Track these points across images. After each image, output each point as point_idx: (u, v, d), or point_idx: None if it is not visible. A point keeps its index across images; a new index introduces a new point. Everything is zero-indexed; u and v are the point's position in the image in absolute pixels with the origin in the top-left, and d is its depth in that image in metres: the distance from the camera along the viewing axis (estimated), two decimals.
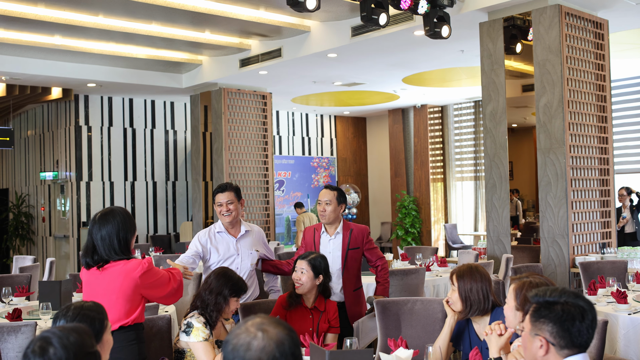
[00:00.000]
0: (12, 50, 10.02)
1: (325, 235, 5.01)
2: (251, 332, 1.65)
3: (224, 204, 4.83)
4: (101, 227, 3.52)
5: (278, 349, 1.62)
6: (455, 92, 13.61)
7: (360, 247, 5.01)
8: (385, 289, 5.05)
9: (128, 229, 3.56)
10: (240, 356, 1.62)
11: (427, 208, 15.10)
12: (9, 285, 6.09)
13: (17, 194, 15.22)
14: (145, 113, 13.84)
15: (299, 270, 4.22)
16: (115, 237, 3.51)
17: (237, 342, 1.64)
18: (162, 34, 9.64)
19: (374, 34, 8.69)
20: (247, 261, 4.83)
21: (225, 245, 4.82)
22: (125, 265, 3.49)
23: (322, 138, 16.73)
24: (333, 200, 4.98)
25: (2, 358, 3.72)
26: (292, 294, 4.23)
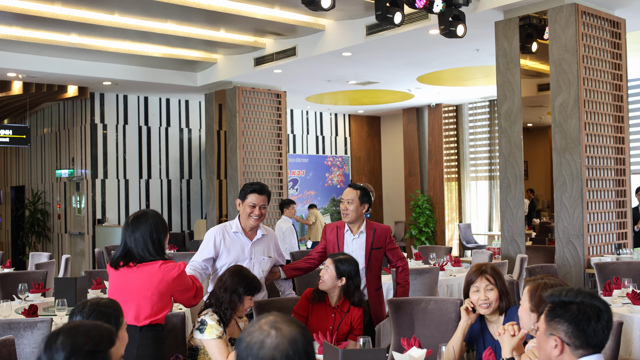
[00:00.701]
0: (28, 48, 10.09)
1: (349, 234, 4.99)
2: (265, 330, 1.65)
3: (258, 207, 4.58)
4: (135, 229, 3.62)
5: (291, 346, 1.63)
6: (470, 91, 13.56)
7: (382, 247, 4.99)
8: (405, 290, 5.03)
9: (160, 230, 3.65)
10: (253, 354, 1.62)
11: (441, 207, 15.05)
12: (25, 281, 6.14)
13: (34, 191, 15.34)
14: (160, 111, 13.90)
15: (325, 267, 4.22)
16: (149, 238, 3.60)
17: (251, 340, 1.64)
18: (178, 33, 9.68)
19: (388, 33, 8.68)
20: (259, 267, 4.61)
21: (239, 248, 4.60)
22: (164, 265, 3.58)
23: (336, 137, 16.73)
24: (355, 199, 4.95)
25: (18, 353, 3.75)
26: (317, 289, 4.24)
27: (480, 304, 3.46)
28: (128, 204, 13.36)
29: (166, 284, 3.55)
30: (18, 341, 3.94)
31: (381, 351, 2.74)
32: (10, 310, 4.97)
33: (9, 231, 16.95)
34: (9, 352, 3.44)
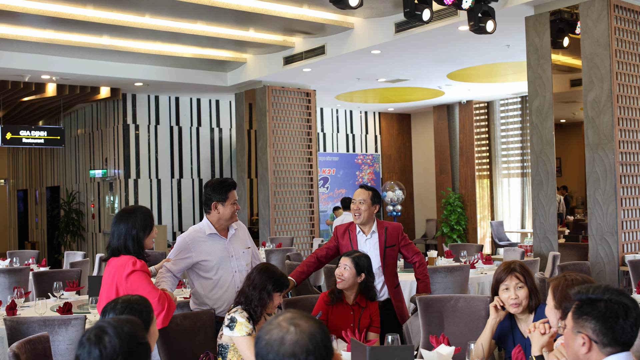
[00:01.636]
0: (62, 51, 10.25)
1: (362, 235, 5.01)
2: (283, 326, 1.67)
3: (237, 203, 4.42)
4: (118, 223, 3.75)
5: (311, 341, 1.65)
6: (502, 87, 13.44)
7: (396, 244, 5.01)
8: (426, 285, 5.03)
9: (142, 227, 3.74)
10: (274, 351, 1.64)
11: (472, 205, 14.95)
12: (60, 280, 6.25)
13: (68, 191, 15.58)
14: (191, 111, 14.02)
15: (342, 266, 4.26)
16: (128, 234, 3.71)
17: (270, 338, 1.67)
18: (207, 33, 9.75)
19: (417, 30, 8.65)
20: (242, 261, 4.45)
21: (219, 248, 4.38)
22: (118, 260, 3.67)
23: (366, 135, 16.71)
24: (367, 199, 4.97)
25: (53, 350, 3.82)
26: (334, 289, 4.27)
27: (511, 302, 3.44)
28: (160, 203, 13.50)
29: (119, 279, 3.61)
30: (53, 338, 4.01)
31: (409, 348, 2.75)
32: (46, 308, 5.07)
33: (45, 231, 17.23)
34: (44, 348, 3.51)
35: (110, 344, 1.94)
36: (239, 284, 4.33)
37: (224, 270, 4.35)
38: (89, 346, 1.95)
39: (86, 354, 1.94)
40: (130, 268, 3.62)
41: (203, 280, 4.35)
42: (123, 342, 1.96)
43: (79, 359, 1.95)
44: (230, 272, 4.37)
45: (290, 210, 12.16)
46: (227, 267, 4.37)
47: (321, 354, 1.66)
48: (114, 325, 1.99)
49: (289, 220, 12.17)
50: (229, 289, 4.34)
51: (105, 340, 1.94)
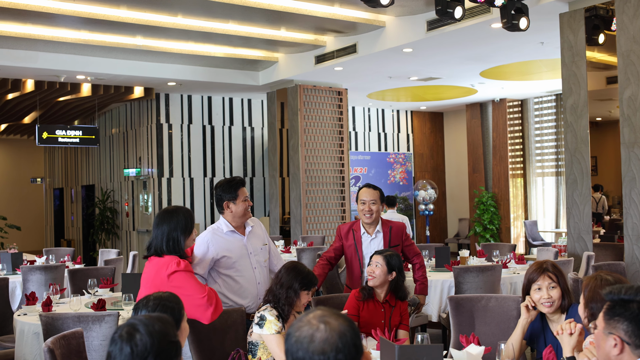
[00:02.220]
0: (96, 51, 10.39)
1: (366, 235, 5.03)
2: (313, 324, 1.68)
3: (248, 200, 4.44)
4: (159, 223, 3.81)
5: (340, 340, 1.65)
6: (536, 85, 13.29)
7: (399, 244, 5.03)
8: (425, 287, 5.07)
9: (182, 229, 3.79)
10: (304, 348, 1.65)
11: (506, 204, 14.81)
12: (95, 277, 6.35)
13: (103, 190, 15.79)
14: (223, 110, 14.11)
15: (374, 263, 4.28)
16: (168, 235, 3.76)
17: (300, 335, 1.67)
18: (239, 33, 9.80)
19: (449, 28, 8.59)
20: (261, 257, 4.52)
21: (237, 245, 4.43)
22: (160, 260, 3.72)
23: (398, 134, 16.65)
24: (377, 199, 5.00)
25: (87, 345, 3.88)
26: (365, 286, 4.29)
27: (543, 302, 3.40)
28: (193, 202, 13.61)
29: (161, 279, 3.64)
30: (87, 334, 4.07)
31: (438, 347, 2.73)
32: (80, 305, 5.14)
33: (80, 229, 17.49)
34: (77, 344, 3.56)
35: (142, 341, 1.96)
36: (259, 279, 4.42)
37: (244, 267, 4.41)
38: (120, 343, 1.97)
39: (118, 351, 1.96)
40: (174, 268, 3.66)
41: (224, 278, 4.40)
42: (154, 340, 1.97)
43: (111, 355, 1.97)
44: (250, 268, 4.43)
45: (321, 209, 12.17)
46: (246, 263, 4.42)
47: (350, 352, 1.66)
48: (146, 323, 2.00)
49: (321, 219, 12.18)
50: (250, 285, 4.40)
51: (136, 338, 1.97)
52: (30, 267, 6.94)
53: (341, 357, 1.64)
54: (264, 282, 4.48)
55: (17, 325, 4.89)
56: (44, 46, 9.97)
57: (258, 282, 4.42)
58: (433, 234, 16.63)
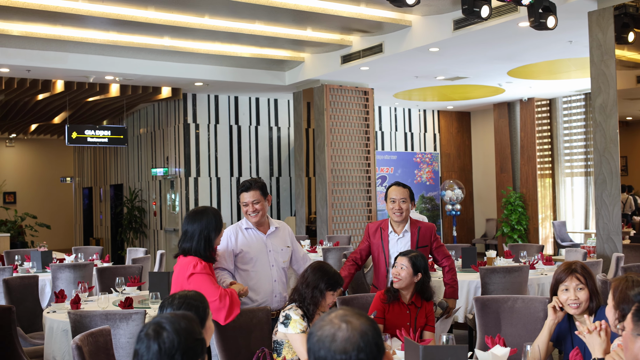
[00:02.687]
0: (125, 52, 10.50)
1: (394, 234, 5.01)
2: (335, 323, 1.68)
3: (250, 204, 4.46)
4: (192, 223, 3.94)
5: (362, 339, 1.65)
6: (564, 84, 13.15)
7: (428, 245, 5.00)
8: (455, 290, 5.01)
9: (213, 229, 3.95)
10: (325, 347, 1.65)
11: (534, 204, 14.68)
12: (122, 275, 6.40)
13: (131, 189, 15.94)
14: (249, 110, 14.17)
15: (399, 265, 4.24)
16: (200, 234, 3.91)
17: (322, 334, 1.68)
18: (266, 33, 9.83)
19: (476, 27, 8.53)
20: (280, 257, 4.58)
21: (257, 242, 4.53)
22: (184, 260, 3.89)
23: (425, 133, 16.58)
24: (408, 198, 4.98)
25: (114, 343, 3.92)
26: (390, 288, 4.26)
27: (570, 303, 3.36)
28: (220, 201, 13.68)
29: (183, 280, 3.81)
30: (114, 331, 4.12)
31: (463, 348, 2.72)
32: (108, 302, 5.20)
33: (109, 227, 17.68)
34: (105, 341, 3.60)
35: (169, 339, 1.98)
36: (275, 277, 4.49)
37: (262, 263, 4.48)
38: (147, 341, 1.99)
39: (145, 349, 1.98)
40: (191, 270, 3.81)
41: (241, 272, 4.48)
42: (181, 337, 1.99)
43: (138, 353, 1.99)
44: (267, 265, 4.49)
45: (347, 208, 12.17)
46: (264, 260, 4.50)
47: (372, 352, 1.66)
48: (172, 320, 2.03)
49: (347, 218, 12.17)
50: (266, 281, 4.46)
51: (163, 336, 1.98)
52: (60, 265, 7.03)
53: (363, 356, 1.64)
54: (280, 281, 4.55)
55: (46, 322, 4.96)
56: (74, 47, 10.10)
57: (274, 280, 4.50)
58: (460, 234, 16.53)
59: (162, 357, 1.96)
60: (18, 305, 5.78)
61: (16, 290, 6.04)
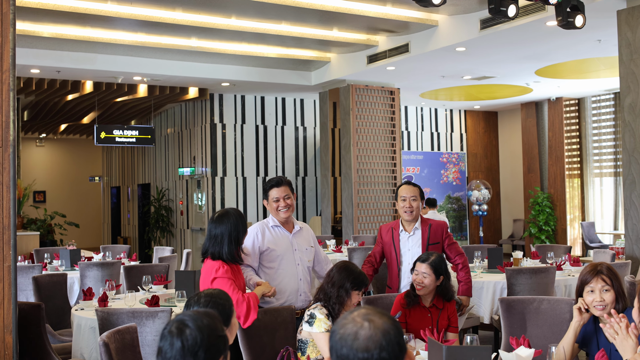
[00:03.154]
0: (152, 53, 10.59)
1: (404, 233, 5.01)
2: (358, 322, 1.69)
3: (282, 199, 4.48)
4: (218, 225, 3.99)
5: (384, 338, 1.66)
6: (593, 83, 13.00)
7: (440, 242, 4.99)
8: (468, 288, 5.00)
9: (243, 230, 4.03)
10: (348, 345, 1.66)
11: (562, 205, 14.53)
12: (149, 274, 6.47)
13: (158, 188, 16.08)
14: (276, 110, 14.21)
15: (421, 274, 4.18)
16: (227, 236, 3.96)
17: (345, 332, 1.69)
18: (292, 33, 9.86)
19: (503, 26, 8.48)
20: (305, 257, 4.60)
21: (282, 240, 4.53)
22: (208, 263, 3.98)
23: (451, 133, 16.50)
24: (418, 196, 4.98)
25: (140, 340, 3.97)
26: (410, 293, 4.22)
27: (595, 305, 3.33)
28: (246, 201, 13.75)
29: (207, 282, 3.88)
30: (140, 329, 4.16)
31: (486, 349, 2.71)
32: (135, 301, 5.26)
33: (136, 226, 17.85)
34: (131, 338, 3.65)
35: (192, 336, 2.01)
36: (301, 276, 4.51)
37: (287, 262, 4.49)
38: (171, 338, 2.02)
39: (168, 346, 2.01)
40: (214, 275, 3.89)
41: (266, 270, 4.49)
42: (204, 334, 2.02)
43: (162, 350, 2.02)
44: (293, 263, 4.50)
45: (373, 208, 12.15)
46: (290, 258, 4.51)
47: (394, 351, 1.66)
48: (195, 318, 2.06)
49: (372, 218, 12.16)
50: (291, 280, 4.46)
51: (187, 333, 2.01)
52: (88, 264, 7.12)
53: (385, 355, 1.65)
54: (305, 280, 4.56)
55: (74, 319, 5.03)
56: (103, 48, 10.22)
57: (299, 279, 4.52)
58: (487, 234, 16.43)
59: (186, 354, 1.99)
60: (47, 303, 5.87)
61: (45, 288, 6.13)
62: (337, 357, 1.68)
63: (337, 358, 1.68)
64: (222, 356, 2.06)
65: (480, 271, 6.73)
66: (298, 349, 3.81)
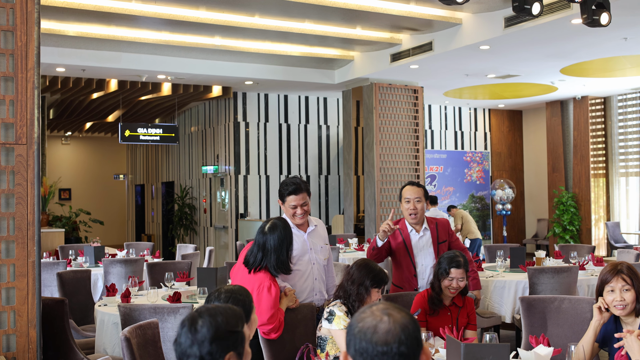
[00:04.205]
0: (176, 51, 10.67)
1: (414, 233, 4.97)
2: (377, 315, 1.70)
3: (299, 207, 4.42)
4: (269, 234, 4.02)
5: (403, 332, 1.66)
6: (619, 82, 12.85)
7: (446, 239, 4.97)
8: (477, 282, 5.03)
9: (291, 241, 4.06)
10: (367, 339, 1.67)
11: (587, 205, 14.39)
12: (172, 271, 6.53)
13: (182, 186, 16.19)
14: (299, 109, 14.24)
15: (456, 280, 4.12)
16: (277, 248, 3.99)
17: (364, 326, 1.69)
18: (315, 32, 9.88)
19: (528, 24, 8.42)
20: (321, 255, 4.54)
21: (298, 241, 4.46)
22: (259, 274, 3.97)
23: (475, 132, 16.41)
24: (422, 197, 4.94)
25: (162, 336, 4.00)
26: (434, 299, 4.17)
27: (616, 304, 3.30)
28: (269, 199, 13.79)
29: (252, 289, 3.84)
30: (162, 325, 4.20)
31: (504, 347, 2.70)
32: (157, 297, 5.31)
33: (160, 224, 17.99)
34: (153, 334, 3.68)
35: (201, 327, 2.07)
36: (316, 275, 4.49)
37: (303, 262, 4.47)
38: (183, 327, 2.09)
39: (184, 337, 2.07)
40: (266, 291, 3.89)
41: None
42: (213, 328, 2.08)
43: (178, 341, 2.08)
44: (309, 263, 4.48)
45: (396, 207, 12.13)
46: (305, 258, 4.48)
47: (412, 345, 1.67)
48: (210, 312, 2.10)
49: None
50: (307, 279, 4.46)
51: (198, 324, 2.08)
52: (112, 260, 7.20)
53: (403, 349, 1.66)
54: (320, 279, 4.55)
55: (97, 315, 5.09)
56: (127, 47, 10.32)
57: (315, 278, 4.50)
58: (510, 234, 16.32)
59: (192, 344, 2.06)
60: (71, 299, 5.94)
61: (69, 284, 6.21)
62: (355, 351, 1.69)
63: (355, 352, 1.69)
64: (233, 352, 2.09)
65: (503, 270, 6.69)
66: (317, 346, 3.82)
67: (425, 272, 4.97)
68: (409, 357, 1.66)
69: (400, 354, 1.65)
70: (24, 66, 3.61)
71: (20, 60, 3.60)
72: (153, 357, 3.57)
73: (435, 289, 4.18)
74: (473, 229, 11.68)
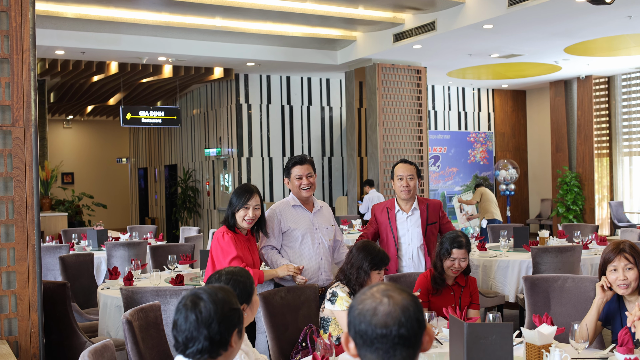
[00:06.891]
0: (177, 33, 10.59)
1: (401, 213, 4.94)
2: (377, 297, 1.67)
3: (304, 177, 4.47)
4: None
5: (403, 314, 1.64)
6: (624, 61, 12.76)
7: (437, 221, 4.94)
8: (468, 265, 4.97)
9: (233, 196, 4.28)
10: (366, 321, 1.65)
11: (590, 184, 14.35)
12: (175, 253, 6.52)
13: (185, 169, 16.18)
14: (301, 90, 14.17)
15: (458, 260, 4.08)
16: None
17: (363, 308, 1.67)
18: (317, 12, 9.80)
19: (531, 3, 8.33)
20: (326, 236, 4.57)
21: (304, 219, 4.53)
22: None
23: (479, 112, 16.34)
24: (415, 174, 4.90)
25: (164, 318, 4.00)
26: (437, 279, 4.14)
27: (619, 284, 3.28)
28: (272, 181, 13.77)
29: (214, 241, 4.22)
30: (164, 307, 4.20)
31: (507, 326, 2.68)
32: (160, 279, 5.31)
33: (164, 207, 18.00)
34: (155, 316, 3.68)
35: (206, 308, 2.07)
36: (322, 255, 4.50)
37: (308, 241, 4.49)
38: (185, 312, 2.08)
39: (183, 319, 2.07)
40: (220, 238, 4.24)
41: (289, 250, 4.51)
42: (217, 307, 2.08)
43: (177, 323, 2.08)
44: (314, 243, 4.49)
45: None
46: (311, 237, 4.50)
47: (413, 327, 1.65)
48: (209, 292, 2.11)
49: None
50: (312, 259, 4.46)
51: (200, 306, 2.07)
52: (115, 244, 7.19)
53: (403, 331, 1.63)
54: (326, 259, 4.55)
55: (100, 298, 5.10)
56: (127, 29, 10.25)
57: (320, 258, 4.51)
58: (514, 214, 16.30)
59: (200, 326, 2.05)
60: (74, 282, 5.95)
61: (72, 268, 6.20)
62: (355, 333, 1.67)
63: (355, 333, 1.67)
64: (237, 329, 2.10)
65: (506, 250, 6.67)
66: (320, 327, 3.81)
67: (413, 252, 4.96)
68: (409, 340, 1.64)
69: (400, 336, 1.63)
70: (19, 47, 3.57)
71: (15, 41, 3.56)
72: (155, 340, 3.56)
73: (437, 269, 4.16)
74: (492, 209, 11.50)
